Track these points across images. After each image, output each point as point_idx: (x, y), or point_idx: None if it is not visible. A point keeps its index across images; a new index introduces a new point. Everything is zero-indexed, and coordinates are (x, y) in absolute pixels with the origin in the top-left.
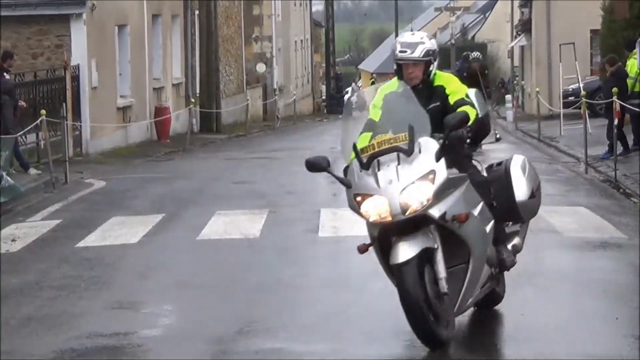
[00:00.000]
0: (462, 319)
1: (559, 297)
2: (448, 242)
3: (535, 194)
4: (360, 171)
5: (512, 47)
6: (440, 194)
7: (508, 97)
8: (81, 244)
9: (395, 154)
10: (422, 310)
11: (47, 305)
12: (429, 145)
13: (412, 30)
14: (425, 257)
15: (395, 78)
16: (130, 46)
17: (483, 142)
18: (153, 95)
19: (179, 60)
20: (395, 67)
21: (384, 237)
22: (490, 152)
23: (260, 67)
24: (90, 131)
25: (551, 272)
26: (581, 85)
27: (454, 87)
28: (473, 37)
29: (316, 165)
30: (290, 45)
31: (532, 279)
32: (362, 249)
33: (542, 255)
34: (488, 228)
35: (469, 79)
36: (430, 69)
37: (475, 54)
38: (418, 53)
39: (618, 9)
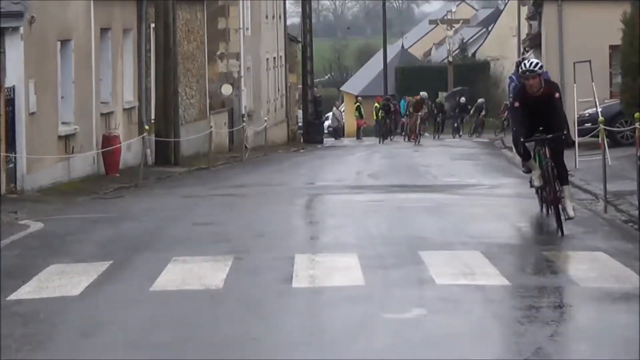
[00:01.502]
0: None
1: (575, 354)
2: None
3: None
4: None
5: None
6: None
7: None
8: (13, 296)
9: None
10: None
11: None
12: None
13: (402, 46)
14: None
15: None
16: (75, 65)
17: None
18: (101, 122)
19: (131, 81)
20: None
21: None
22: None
23: (226, 89)
24: (27, 164)
25: (566, 327)
26: (599, 109)
27: None
28: (474, 53)
29: None
30: (261, 63)
31: (544, 334)
32: None
33: (556, 308)
34: None
35: (533, 105)
36: None
37: (533, 62)
38: None
39: None
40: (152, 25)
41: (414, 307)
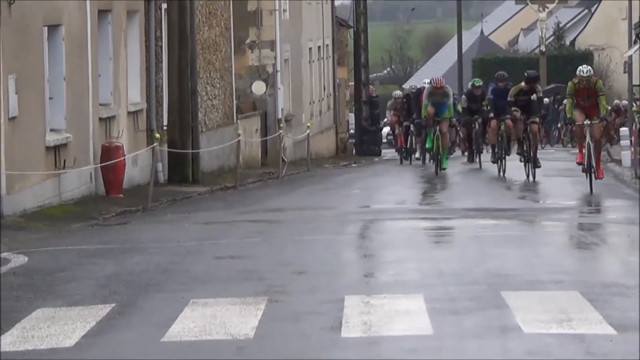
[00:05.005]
0: None
1: None
2: None
3: None
4: None
5: (631, 56)
6: None
7: (624, 130)
8: None
9: None
10: None
11: None
12: None
13: (482, 32)
14: None
15: None
16: (67, 57)
17: None
18: (99, 129)
19: (137, 78)
20: None
21: None
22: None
23: (258, 88)
24: (7, 182)
25: None
26: None
27: None
28: (573, 42)
29: None
30: (302, 54)
31: None
32: None
33: None
34: None
35: None
36: None
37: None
38: None
39: None
40: (164, 6)
41: None
